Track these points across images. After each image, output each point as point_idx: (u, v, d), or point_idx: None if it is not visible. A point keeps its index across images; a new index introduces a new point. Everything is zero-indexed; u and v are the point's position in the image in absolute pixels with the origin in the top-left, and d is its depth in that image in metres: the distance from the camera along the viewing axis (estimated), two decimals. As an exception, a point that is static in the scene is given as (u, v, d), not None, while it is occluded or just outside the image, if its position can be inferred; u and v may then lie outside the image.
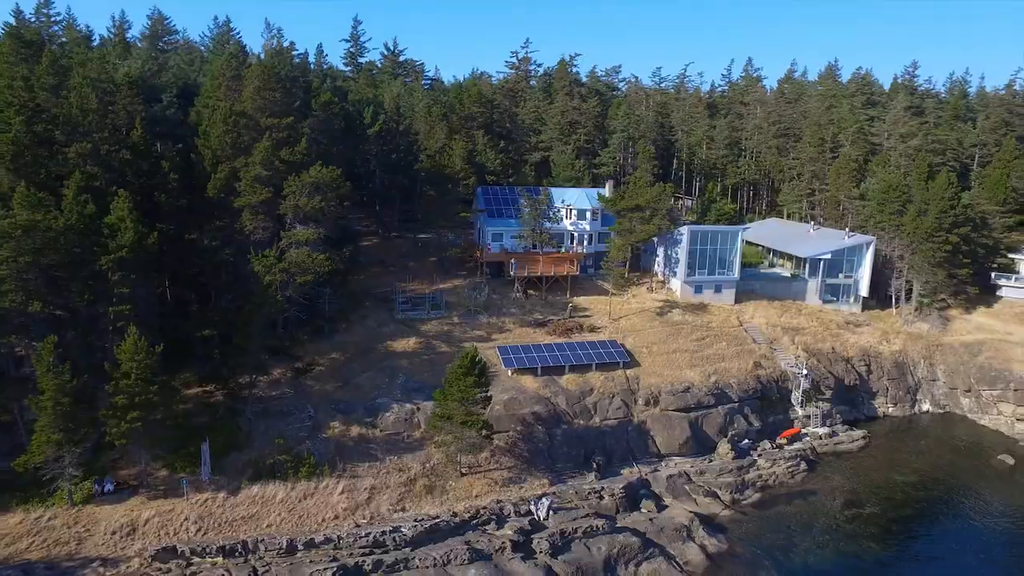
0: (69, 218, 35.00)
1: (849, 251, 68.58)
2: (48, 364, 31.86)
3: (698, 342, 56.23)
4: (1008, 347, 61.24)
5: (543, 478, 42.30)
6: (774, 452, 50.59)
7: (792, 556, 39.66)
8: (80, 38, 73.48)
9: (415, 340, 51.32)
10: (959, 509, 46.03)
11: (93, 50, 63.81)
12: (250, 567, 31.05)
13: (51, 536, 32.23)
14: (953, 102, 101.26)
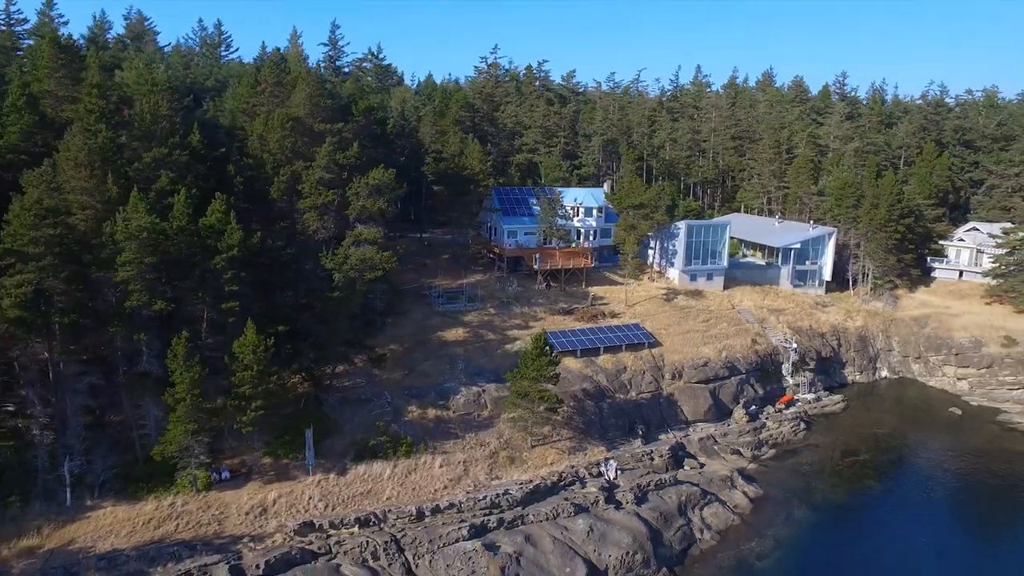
0: (180, 221, 37.06)
1: (814, 241, 77.96)
2: (182, 359, 34.13)
3: (704, 323, 63.31)
4: (948, 319, 72.17)
5: (600, 445, 47.60)
6: (777, 415, 58.26)
7: (813, 495, 47.03)
8: (90, 40, 72.09)
9: (462, 330, 55.39)
10: (927, 451, 55.41)
11: (107, 52, 63.20)
12: (388, 534, 34.60)
13: (192, 519, 34.45)
14: (878, 109, 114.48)
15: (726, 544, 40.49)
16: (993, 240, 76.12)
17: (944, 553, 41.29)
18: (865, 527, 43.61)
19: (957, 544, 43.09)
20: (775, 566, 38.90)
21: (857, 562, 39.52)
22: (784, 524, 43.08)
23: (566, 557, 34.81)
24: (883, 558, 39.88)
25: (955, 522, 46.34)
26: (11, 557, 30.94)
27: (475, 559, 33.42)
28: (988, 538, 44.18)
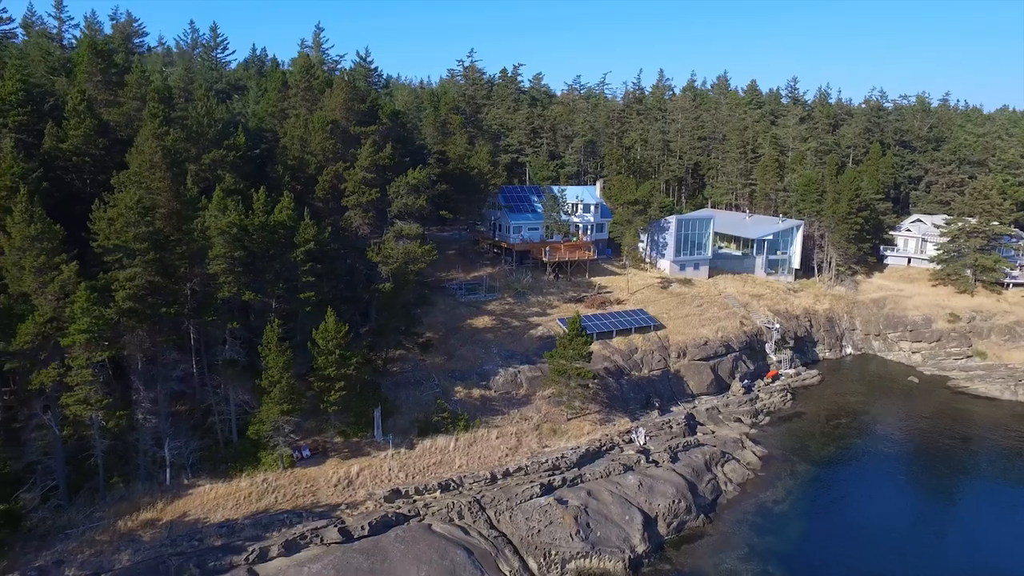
0: (260, 217, 39.94)
1: (783, 233, 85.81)
2: (274, 345, 37.18)
3: (698, 308, 69.59)
4: (902, 299, 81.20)
5: (624, 416, 52.81)
6: (767, 388, 65.10)
7: (809, 453, 53.66)
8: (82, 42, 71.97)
9: (488, 318, 59.55)
10: (893, 413, 63.33)
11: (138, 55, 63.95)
12: (469, 496, 38.65)
13: (287, 492, 37.50)
14: (826, 111, 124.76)
15: (746, 494, 46.37)
16: (936, 230, 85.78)
17: (915, 486, 49.72)
18: (853, 475, 50.79)
19: (923, 479, 51.51)
20: (789, 509, 44.97)
21: (851, 502, 46.48)
22: (789, 477, 49.39)
23: (624, 507, 39.74)
24: (871, 497, 47.06)
25: (921, 464, 54.20)
26: (136, 528, 33.42)
27: (550, 511, 37.91)
28: (943, 472, 52.07)
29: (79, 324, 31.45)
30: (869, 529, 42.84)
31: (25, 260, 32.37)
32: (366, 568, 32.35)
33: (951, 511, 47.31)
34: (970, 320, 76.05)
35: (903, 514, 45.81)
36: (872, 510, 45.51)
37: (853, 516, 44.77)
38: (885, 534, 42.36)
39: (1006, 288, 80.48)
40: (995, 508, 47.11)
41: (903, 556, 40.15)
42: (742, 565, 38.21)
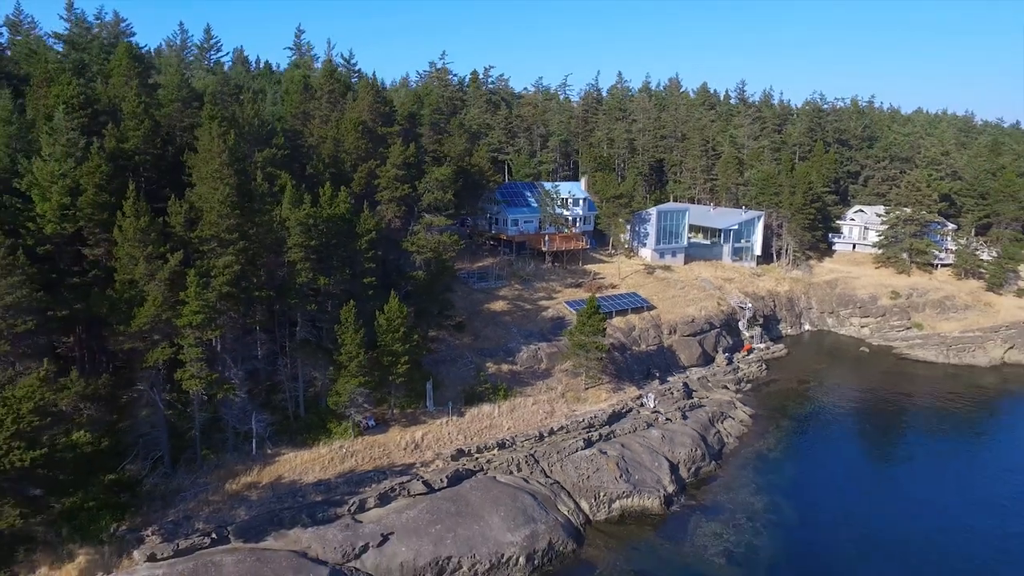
0: (327, 210, 44.10)
1: (747, 223, 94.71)
2: (350, 324, 41.54)
3: (681, 291, 77.07)
4: (851, 280, 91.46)
5: (631, 385, 59.30)
6: (745, 360, 73.17)
7: (788, 411, 61.77)
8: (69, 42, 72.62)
9: (502, 303, 64.89)
10: (851, 378, 72.64)
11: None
12: (523, 452, 44.14)
13: (364, 456, 41.90)
14: (772, 112, 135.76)
15: (744, 444, 53.73)
16: (877, 219, 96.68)
17: (872, 432, 58.53)
18: (825, 427, 59.14)
19: (878, 427, 60.58)
20: (780, 455, 52.55)
21: (826, 447, 54.94)
22: (777, 430, 57.16)
23: (652, 456, 46.12)
24: (840, 441, 55.96)
25: (875, 416, 63.08)
26: (241, 490, 37.26)
27: (595, 460, 43.86)
28: (893, 421, 61.25)
29: (192, 306, 35.10)
30: (842, 467, 51.40)
31: (136, 251, 35.66)
32: (454, 511, 37.41)
33: (901, 450, 56.35)
34: (908, 297, 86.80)
35: (866, 453, 54.87)
36: (843, 452, 54.31)
37: (829, 459, 53.14)
38: (854, 470, 51.10)
39: (935, 268, 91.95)
40: (931, 445, 56.46)
41: (868, 484, 48.39)
42: (753, 498, 45.27)
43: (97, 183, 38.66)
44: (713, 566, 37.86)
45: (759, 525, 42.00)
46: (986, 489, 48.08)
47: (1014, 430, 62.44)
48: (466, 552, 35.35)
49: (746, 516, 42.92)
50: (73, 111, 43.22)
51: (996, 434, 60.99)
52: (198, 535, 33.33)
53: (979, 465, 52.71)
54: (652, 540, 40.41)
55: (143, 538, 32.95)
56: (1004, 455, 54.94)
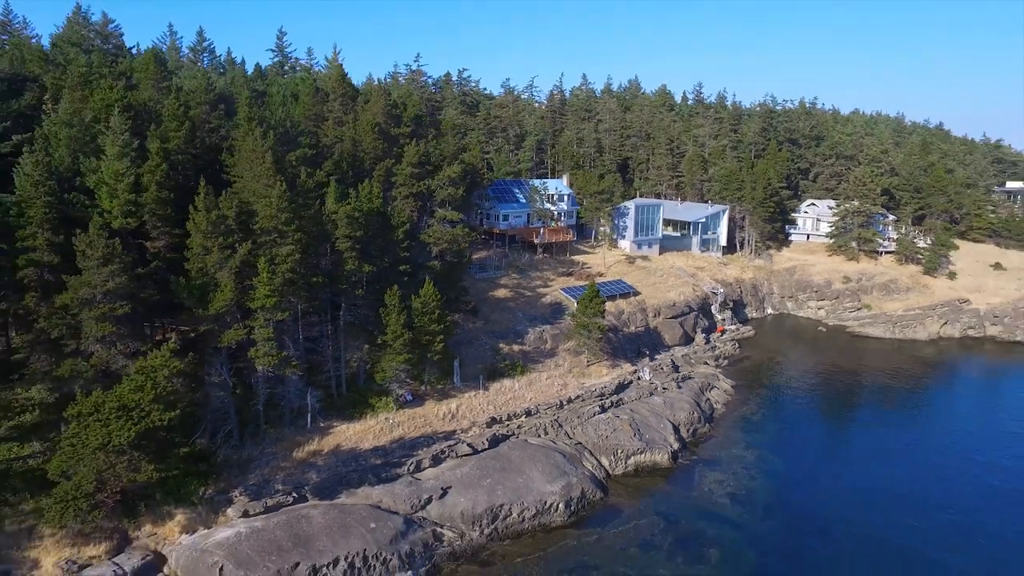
0: (368, 203, 48.27)
1: (713, 216, 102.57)
2: (394, 307, 45.94)
3: (660, 278, 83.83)
4: (807, 267, 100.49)
5: (626, 362, 65.38)
6: (720, 339, 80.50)
7: (763, 382, 69.19)
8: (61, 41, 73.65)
9: (504, 290, 69.95)
10: (812, 353, 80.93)
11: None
12: (548, 418, 49.43)
13: (409, 425, 46.31)
14: (728, 113, 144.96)
15: (730, 410, 60.54)
16: (829, 211, 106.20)
17: (833, 398, 66.19)
18: (795, 394, 66.62)
19: (838, 393, 68.08)
20: (762, 418, 59.55)
21: (798, 411, 62.26)
22: (756, 398, 64.30)
23: (658, 419, 52.19)
24: (808, 406, 63.06)
25: (835, 384, 70.93)
26: (306, 457, 41.23)
27: (611, 423, 49.58)
28: (851, 388, 69.36)
29: (263, 291, 38.92)
30: (814, 427, 59.23)
31: (210, 242, 39.17)
32: (499, 468, 42.41)
33: (859, 411, 64.43)
34: (858, 281, 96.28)
35: (831, 415, 62.74)
36: (812, 415, 62.34)
37: (802, 420, 60.70)
38: (823, 429, 58.73)
39: (880, 255, 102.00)
40: (882, 408, 64.71)
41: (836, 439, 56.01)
42: (745, 452, 51.92)
43: (158, 181, 41.87)
44: (721, 506, 44.07)
45: (753, 473, 48.57)
46: (926, 436, 56.36)
47: (949, 391, 71.77)
48: (515, 500, 40.44)
49: (741, 467, 49.46)
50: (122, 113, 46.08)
51: (935, 396, 70.04)
52: (280, 495, 37.29)
53: (922, 419, 61.25)
54: (665, 488, 46.40)
55: (232, 499, 36.69)
56: (940, 410, 63.84)
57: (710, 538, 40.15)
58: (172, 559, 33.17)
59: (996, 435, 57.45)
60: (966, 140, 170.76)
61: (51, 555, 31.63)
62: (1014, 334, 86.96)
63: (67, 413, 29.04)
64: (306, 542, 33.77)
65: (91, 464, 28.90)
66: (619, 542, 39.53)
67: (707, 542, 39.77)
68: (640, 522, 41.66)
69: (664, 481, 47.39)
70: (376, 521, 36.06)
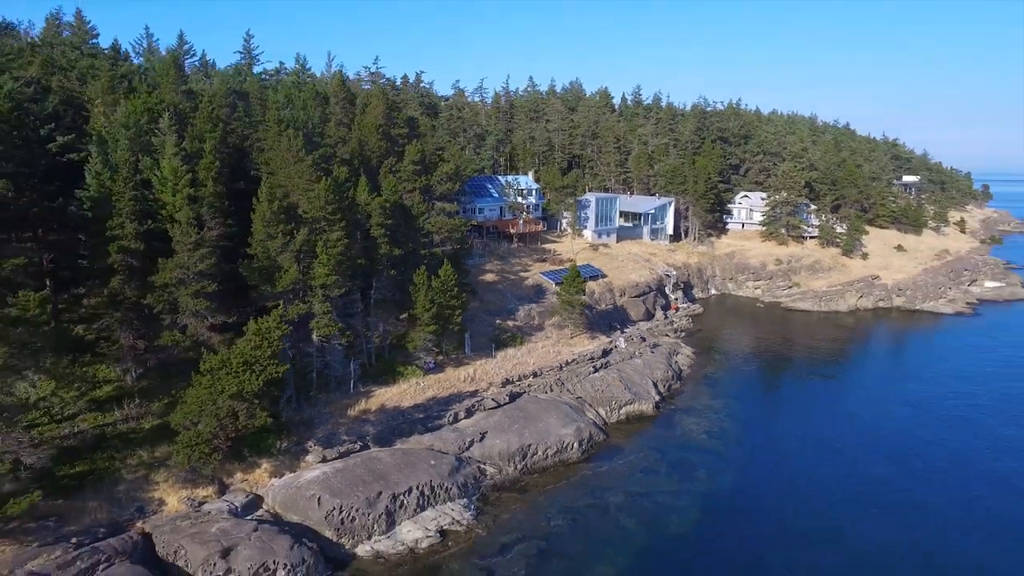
0: (391, 196, 54.81)
1: (660, 208, 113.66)
2: (422, 285, 52.85)
3: (621, 263, 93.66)
4: (744, 251, 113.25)
5: (602, 335, 74.44)
6: (676, 316, 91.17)
7: (716, 350, 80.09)
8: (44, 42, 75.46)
9: (491, 275, 77.51)
10: (752, 326, 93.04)
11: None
12: (551, 378, 57.61)
13: (438, 387, 53.25)
14: (664, 113, 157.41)
15: (695, 371, 70.70)
16: (761, 202, 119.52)
17: (773, 360, 77.43)
18: (745, 358, 77.80)
19: (775, 357, 79.73)
20: (722, 376, 70.05)
21: (748, 371, 73.24)
22: (713, 361, 74.93)
23: (641, 377, 61.43)
24: (756, 367, 74.28)
25: (773, 350, 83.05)
26: (358, 415, 47.65)
27: (604, 379, 58.36)
28: (785, 352, 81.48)
29: (322, 270, 45.10)
30: (764, 383, 69.92)
31: (273, 228, 44.92)
32: (522, 416, 50.25)
33: (796, 368, 76.07)
34: (788, 263, 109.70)
35: (775, 373, 73.82)
36: (761, 373, 73.08)
37: (753, 378, 71.69)
38: (772, 384, 69.59)
39: (806, 240, 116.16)
40: (812, 366, 76.94)
41: (782, 391, 67.29)
42: (713, 402, 61.95)
43: (213, 176, 47.12)
44: (700, 441, 53.63)
45: (721, 416, 58.54)
46: (849, 384, 68.50)
47: (864, 350, 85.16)
48: (539, 441, 48.41)
49: (711, 412, 59.37)
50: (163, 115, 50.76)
51: (854, 355, 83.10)
52: (347, 443, 43.73)
53: (845, 372, 73.63)
54: (653, 431, 55.59)
55: (307, 449, 42.84)
56: (858, 364, 76.58)
57: (695, 463, 49.52)
58: (269, 497, 39.16)
59: (901, 375, 70.38)
60: (869, 139, 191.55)
61: (172, 495, 37.14)
62: (914, 303, 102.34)
63: (202, 367, 34.64)
64: (383, 476, 40.55)
65: (215, 413, 34.70)
66: (624, 470, 48.25)
67: (693, 466, 49.11)
68: (638, 455, 50.57)
69: (651, 425, 56.61)
70: (434, 459, 43.17)
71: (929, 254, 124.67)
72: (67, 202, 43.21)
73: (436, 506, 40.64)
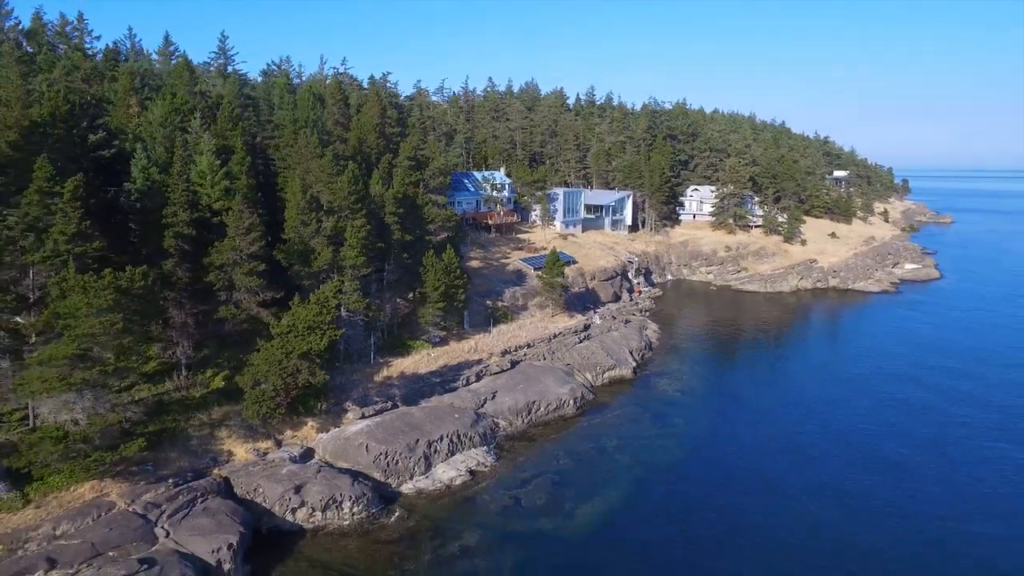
0: (400, 188, 61.04)
1: (620, 200, 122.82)
2: (431, 266, 59.36)
3: (589, 250, 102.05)
4: (696, 240, 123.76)
5: (577, 314, 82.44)
6: (640, 298, 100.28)
7: (678, 326, 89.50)
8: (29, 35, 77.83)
9: (476, 262, 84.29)
10: (707, 306, 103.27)
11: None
12: (544, 348, 65.10)
13: (447, 358, 59.81)
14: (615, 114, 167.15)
15: (662, 343, 79.60)
16: (711, 195, 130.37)
17: (726, 333, 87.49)
18: (704, 333, 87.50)
19: (730, 328, 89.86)
20: (686, 347, 79.23)
21: (707, 343, 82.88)
22: (677, 335, 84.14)
23: (619, 346, 69.67)
24: (712, 340, 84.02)
25: (726, 325, 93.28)
26: (383, 381, 53.85)
27: (589, 348, 66.30)
28: (736, 326, 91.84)
29: (352, 252, 51.09)
30: (721, 352, 79.46)
31: (305, 216, 50.59)
32: (524, 379, 57.54)
33: (747, 339, 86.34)
34: (737, 250, 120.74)
35: (731, 344, 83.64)
36: (720, 345, 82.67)
37: (712, 348, 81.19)
38: (728, 352, 79.25)
39: (752, 229, 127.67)
40: (761, 339, 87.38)
41: (736, 359, 77.03)
42: (681, 367, 70.83)
43: (245, 171, 52.38)
44: (675, 397, 62.21)
45: (690, 378, 67.41)
46: (791, 351, 78.88)
47: (805, 324, 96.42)
48: (541, 399, 55.81)
49: (681, 375, 68.17)
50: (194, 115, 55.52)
51: (795, 328, 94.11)
52: (379, 403, 49.94)
53: (788, 342, 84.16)
54: (634, 391, 63.85)
55: (346, 408, 48.87)
56: (800, 335, 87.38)
57: (671, 414, 57.97)
58: (319, 448, 45.08)
59: (835, 343, 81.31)
60: (803, 136, 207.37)
61: (239, 448, 42.68)
62: (847, 284, 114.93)
63: (274, 331, 40.36)
64: (417, 427, 47.09)
65: (282, 371, 40.52)
66: (614, 421, 56.21)
67: (670, 416, 57.53)
68: (624, 410, 58.66)
69: (631, 387, 64.89)
70: (457, 414, 49.96)
71: (858, 240, 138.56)
72: (118, 194, 47.85)
73: (463, 451, 47.46)
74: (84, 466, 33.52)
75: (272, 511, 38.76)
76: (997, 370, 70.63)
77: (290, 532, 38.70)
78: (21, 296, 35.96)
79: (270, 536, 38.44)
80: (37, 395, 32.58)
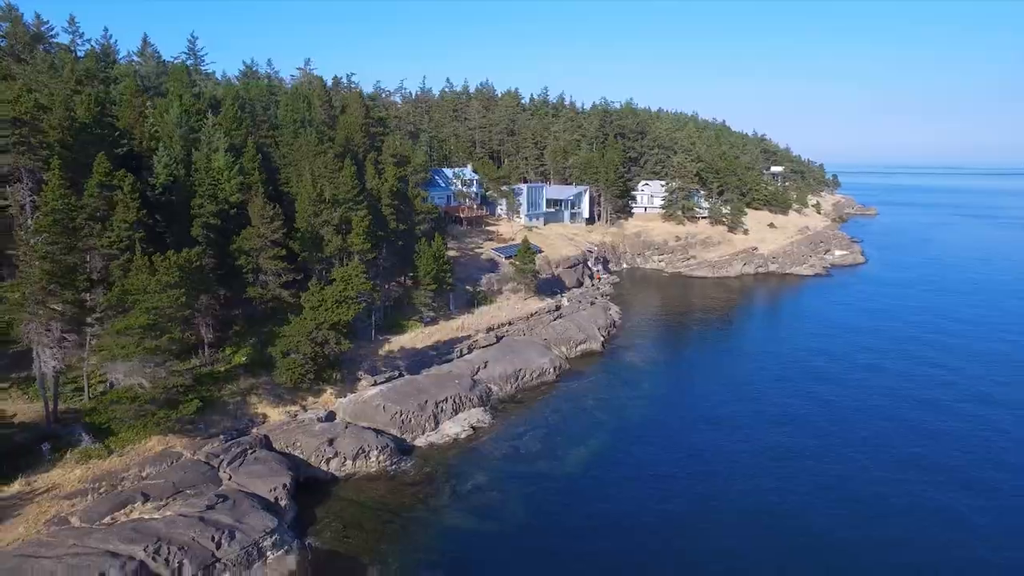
0: (392, 183, 67.23)
1: (577, 195, 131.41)
2: (424, 252, 65.85)
3: (553, 241, 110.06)
4: (649, 231, 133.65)
5: (548, 297, 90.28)
6: (600, 283, 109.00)
7: (636, 308, 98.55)
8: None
9: (453, 251, 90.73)
10: (662, 291, 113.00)
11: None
12: (524, 325, 72.53)
13: (439, 334, 66.36)
14: (570, 112, 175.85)
15: (626, 321, 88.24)
16: (661, 189, 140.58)
17: (680, 314, 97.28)
18: (661, 313, 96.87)
19: (681, 313, 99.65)
20: (646, 326, 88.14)
21: (667, 322, 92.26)
22: (637, 315, 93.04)
23: (589, 323, 77.78)
24: (669, 319, 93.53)
25: (678, 306, 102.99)
26: (387, 354, 60.10)
27: (563, 325, 74.14)
28: (687, 308, 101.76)
29: (358, 239, 57.13)
30: (679, 329, 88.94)
31: (315, 207, 56.30)
32: (510, 351, 64.81)
33: (699, 317, 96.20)
34: (686, 239, 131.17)
35: (685, 323, 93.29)
36: (676, 323, 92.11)
37: (670, 326, 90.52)
38: (685, 329, 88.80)
39: (699, 220, 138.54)
40: (710, 317, 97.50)
41: (691, 335, 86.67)
42: (643, 342, 79.58)
43: (256, 167, 57.69)
44: (640, 366, 70.72)
45: (651, 351, 76.17)
46: (736, 329, 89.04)
47: (749, 304, 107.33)
48: (525, 367, 63.21)
49: (644, 348, 76.86)
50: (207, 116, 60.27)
51: (740, 308, 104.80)
52: (388, 372, 56.28)
53: (733, 321, 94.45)
54: (603, 361, 72.03)
55: (359, 377, 54.99)
56: (744, 314, 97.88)
57: (638, 380, 66.39)
58: (340, 411, 51.16)
59: (775, 319, 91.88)
60: (743, 134, 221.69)
61: (271, 411, 48.39)
62: (785, 269, 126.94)
63: (305, 304, 46.20)
64: (424, 391, 53.72)
65: (313, 340, 46.45)
66: (590, 386, 64.16)
67: (638, 381, 65.93)
68: (597, 376, 66.75)
69: (601, 358, 73.09)
70: (457, 380, 56.81)
71: (794, 230, 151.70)
72: (143, 189, 52.47)
73: (465, 411, 54.36)
74: (154, 421, 38.88)
75: (308, 462, 44.79)
76: (906, 345, 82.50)
77: (324, 480, 44.83)
78: (87, 277, 40.81)
79: (307, 484, 44.51)
80: (115, 360, 37.71)
